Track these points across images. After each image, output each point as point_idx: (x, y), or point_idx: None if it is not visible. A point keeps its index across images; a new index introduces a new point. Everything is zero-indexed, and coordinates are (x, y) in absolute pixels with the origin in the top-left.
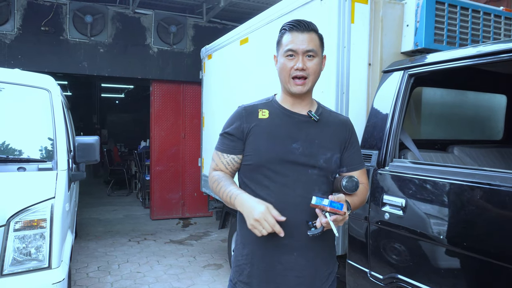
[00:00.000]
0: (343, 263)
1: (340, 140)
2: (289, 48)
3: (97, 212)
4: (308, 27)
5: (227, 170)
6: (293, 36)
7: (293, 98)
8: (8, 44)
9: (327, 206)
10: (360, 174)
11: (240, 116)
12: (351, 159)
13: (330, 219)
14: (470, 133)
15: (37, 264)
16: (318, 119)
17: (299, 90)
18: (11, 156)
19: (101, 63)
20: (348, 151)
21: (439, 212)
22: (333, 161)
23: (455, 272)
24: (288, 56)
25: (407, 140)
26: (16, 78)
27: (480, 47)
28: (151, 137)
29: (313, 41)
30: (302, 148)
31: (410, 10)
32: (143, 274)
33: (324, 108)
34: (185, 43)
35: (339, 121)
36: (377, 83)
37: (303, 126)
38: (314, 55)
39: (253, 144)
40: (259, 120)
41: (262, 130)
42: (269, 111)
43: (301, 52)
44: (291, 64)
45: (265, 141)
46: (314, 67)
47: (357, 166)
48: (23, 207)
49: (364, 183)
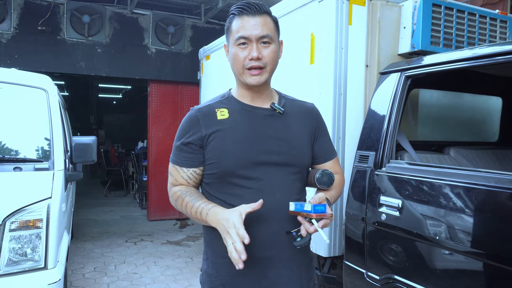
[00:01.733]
0: (340, 264)
1: (309, 131)
2: (240, 35)
3: (93, 212)
4: (260, 10)
5: (189, 185)
6: (243, 21)
7: (251, 91)
8: (4, 44)
9: (311, 213)
10: (334, 163)
11: (195, 121)
12: (323, 149)
13: (318, 226)
14: (466, 135)
15: (33, 265)
16: (283, 111)
17: (256, 81)
18: (7, 156)
19: (98, 63)
20: (318, 141)
21: (435, 213)
22: (307, 156)
23: (451, 272)
24: (240, 45)
25: (404, 141)
26: (13, 77)
27: (476, 49)
28: (148, 137)
29: (267, 25)
30: (272, 146)
31: (407, 13)
32: (140, 275)
33: (286, 98)
34: (183, 44)
35: (305, 109)
36: (374, 85)
37: (269, 121)
38: (270, 41)
39: (216, 150)
40: (218, 122)
41: (225, 132)
42: (228, 109)
43: (255, 38)
44: (244, 53)
45: (230, 144)
46: (271, 55)
47: (330, 155)
48: (19, 207)
49: (339, 172)
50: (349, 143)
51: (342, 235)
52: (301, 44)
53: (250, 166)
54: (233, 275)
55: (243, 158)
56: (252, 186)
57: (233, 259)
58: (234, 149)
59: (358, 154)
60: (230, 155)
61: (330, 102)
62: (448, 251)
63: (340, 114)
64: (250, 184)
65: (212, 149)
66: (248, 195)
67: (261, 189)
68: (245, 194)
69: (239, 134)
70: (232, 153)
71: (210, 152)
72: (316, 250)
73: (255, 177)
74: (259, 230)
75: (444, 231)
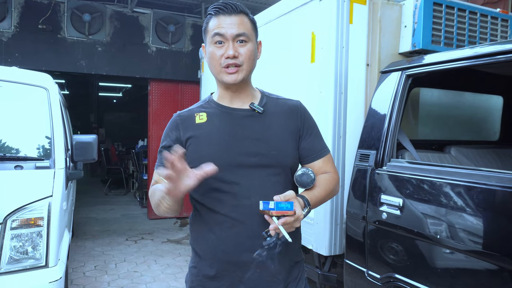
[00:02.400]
0: (341, 262)
1: (292, 130)
2: (216, 32)
3: (94, 211)
4: (236, 9)
5: None
6: (219, 20)
7: (230, 91)
8: (5, 42)
9: (272, 210)
10: (324, 162)
11: (175, 125)
12: (310, 148)
13: (278, 223)
14: (467, 134)
15: (34, 263)
16: (262, 110)
17: (233, 79)
18: (8, 154)
19: (99, 62)
20: (304, 139)
21: (436, 212)
22: (289, 156)
23: (452, 271)
24: (217, 44)
25: (405, 140)
26: (14, 76)
27: (477, 48)
28: (149, 136)
29: (243, 24)
30: (250, 148)
31: (408, 11)
32: (140, 274)
33: (270, 96)
34: (183, 43)
35: (287, 108)
36: (375, 84)
37: (247, 122)
38: (246, 39)
39: (194, 154)
40: (196, 126)
41: (201, 136)
42: (207, 113)
43: (231, 37)
44: (220, 52)
45: (206, 148)
46: (248, 53)
47: (317, 154)
48: (20, 205)
49: (331, 171)
50: (350, 142)
51: (343, 234)
52: (302, 43)
53: (227, 169)
54: (210, 277)
55: (220, 162)
56: (229, 190)
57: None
58: (209, 152)
59: (359, 153)
60: (206, 159)
61: (330, 101)
62: (449, 250)
63: (341, 113)
64: (228, 188)
65: (190, 154)
66: (226, 199)
67: (239, 193)
68: (223, 198)
69: (216, 137)
70: (208, 157)
71: (189, 157)
72: (316, 249)
73: (232, 180)
74: (235, 234)
75: (445, 230)
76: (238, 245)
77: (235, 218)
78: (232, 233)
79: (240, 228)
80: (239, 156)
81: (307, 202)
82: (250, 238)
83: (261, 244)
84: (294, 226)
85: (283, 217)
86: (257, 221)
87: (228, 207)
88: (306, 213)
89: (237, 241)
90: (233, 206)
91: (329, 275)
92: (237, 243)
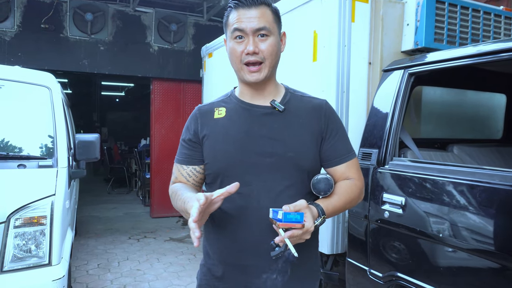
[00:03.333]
0: (343, 261)
1: (314, 130)
2: (235, 27)
3: (97, 210)
4: (256, 1)
5: (189, 183)
6: (239, 14)
7: (252, 88)
8: (8, 42)
9: (280, 222)
10: (348, 167)
11: (195, 118)
12: (334, 151)
13: (284, 236)
14: (470, 132)
15: (37, 261)
16: (283, 108)
17: (254, 79)
18: (11, 153)
19: (101, 61)
20: (327, 141)
21: (439, 210)
22: (307, 158)
23: (454, 270)
24: (237, 38)
25: (407, 138)
26: (17, 75)
27: (480, 46)
28: (151, 135)
29: (264, 16)
30: (265, 147)
31: (411, 9)
32: (143, 272)
33: (295, 93)
34: (185, 42)
35: (311, 107)
36: (377, 82)
37: (266, 120)
38: (268, 33)
39: (210, 149)
40: (214, 120)
41: (217, 132)
42: (226, 108)
43: (251, 31)
44: (241, 47)
45: (220, 145)
46: (269, 49)
47: (341, 158)
48: (23, 204)
49: (354, 177)
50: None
51: (345, 233)
52: (304, 42)
53: (240, 168)
54: (217, 278)
55: (232, 160)
56: (241, 190)
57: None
58: (223, 149)
59: (361, 152)
60: (220, 155)
61: (332, 99)
62: (452, 249)
63: (343, 111)
64: (240, 188)
65: (207, 149)
66: (237, 199)
67: (248, 194)
68: (234, 198)
69: (231, 134)
70: (222, 153)
71: (205, 151)
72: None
73: (243, 180)
74: (240, 237)
75: (447, 228)
76: (242, 249)
77: (242, 221)
78: (238, 236)
79: (246, 232)
80: (253, 155)
81: (321, 211)
82: (255, 244)
83: (265, 250)
84: (303, 238)
85: (291, 229)
86: (263, 226)
87: (236, 208)
88: (320, 223)
89: (242, 245)
90: (241, 207)
91: (331, 273)
92: (242, 247)
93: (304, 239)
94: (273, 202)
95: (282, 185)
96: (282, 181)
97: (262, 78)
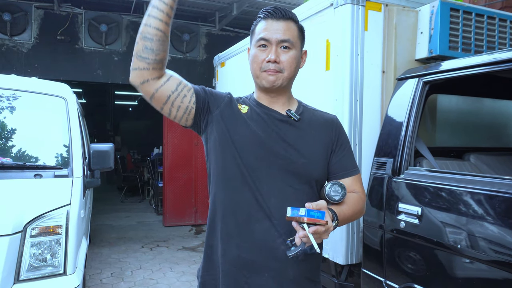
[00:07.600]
0: (358, 272)
1: (325, 143)
2: (261, 36)
3: (110, 218)
4: (285, 15)
5: (176, 91)
6: (267, 24)
7: (268, 95)
8: (25, 53)
9: (303, 216)
10: (353, 181)
11: (224, 96)
12: (341, 164)
13: (309, 231)
14: (487, 141)
15: (53, 270)
16: (298, 118)
17: (270, 82)
18: (28, 163)
19: (115, 71)
20: (336, 154)
21: (456, 221)
22: (318, 168)
23: (473, 282)
24: (261, 47)
25: (422, 147)
26: (33, 86)
27: (496, 54)
28: (164, 144)
29: (290, 30)
30: (280, 150)
31: (424, 18)
32: (156, 281)
33: (307, 107)
34: (198, 51)
35: (323, 120)
36: (391, 91)
37: (282, 126)
38: (290, 46)
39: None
40: (237, 110)
41: (240, 120)
42: (248, 107)
43: (275, 42)
44: (262, 55)
45: (241, 132)
46: (289, 60)
47: (348, 172)
48: (40, 213)
49: (359, 191)
50: (366, 150)
51: (359, 243)
52: (317, 51)
53: (253, 161)
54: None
55: (248, 152)
56: (251, 185)
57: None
58: (242, 138)
59: (376, 161)
60: (237, 141)
61: (346, 108)
62: (470, 260)
63: (357, 120)
64: (251, 182)
65: (220, 130)
66: (247, 193)
67: (256, 189)
68: (244, 191)
69: (252, 129)
70: (239, 141)
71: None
72: (333, 258)
73: (255, 174)
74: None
75: (465, 239)
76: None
77: (248, 215)
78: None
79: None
80: (268, 153)
81: (335, 216)
82: (260, 240)
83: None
84: (322, 237)
85: (314, 225)
86: (268, 224)
87: (243, 200)
88: (334, 227)
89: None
90: (247, 202)
91: (346, 284)
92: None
93: (323, 238)
94: (280, 202)
95: (291, 189)
96: (292, 185)
97: (278, 85)
